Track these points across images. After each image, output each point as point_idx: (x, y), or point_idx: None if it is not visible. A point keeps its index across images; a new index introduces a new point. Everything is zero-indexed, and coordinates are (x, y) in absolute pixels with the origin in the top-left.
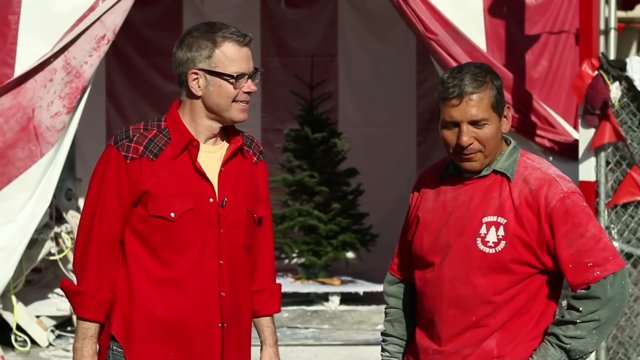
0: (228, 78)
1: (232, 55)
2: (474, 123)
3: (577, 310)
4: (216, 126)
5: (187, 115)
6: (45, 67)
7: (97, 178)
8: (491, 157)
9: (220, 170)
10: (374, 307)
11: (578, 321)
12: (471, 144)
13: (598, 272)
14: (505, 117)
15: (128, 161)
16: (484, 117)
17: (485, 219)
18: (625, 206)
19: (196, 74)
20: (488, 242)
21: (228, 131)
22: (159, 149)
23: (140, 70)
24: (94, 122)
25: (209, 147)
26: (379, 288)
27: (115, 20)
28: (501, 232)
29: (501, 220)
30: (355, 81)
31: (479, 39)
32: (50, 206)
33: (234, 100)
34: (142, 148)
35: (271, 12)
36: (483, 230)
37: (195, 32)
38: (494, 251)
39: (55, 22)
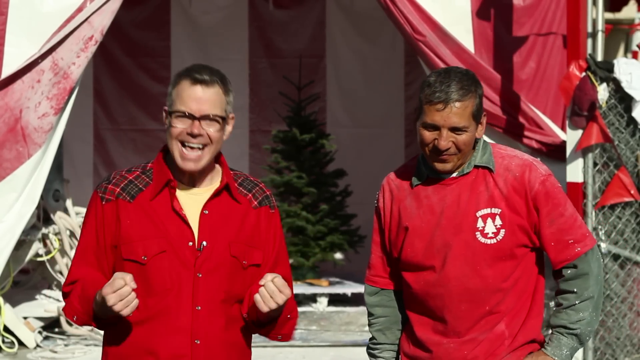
0: (171, 115)
1: (180, 93)
2: (454, 129)
3: (572, 292)
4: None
5: (171, 155)
6: (32, 68)
7: (83, 224)
8: (463, 159)
9: (202, 213)
10: (361, 309)
11: (577, 302)
12: (449, 148)
13: (579, 248)
14: (480, 123)
15: (104, 203)
16: (465, 125)
17: (479, 213)
18: (612, 207)
19: (165, 111)
20: (487, 233)
21: (223, 172)
22: (138, 190)
23: (128, 71)
24: (82, 123)
25: (195, 190)
26: None
27: (103, 21)
28: (498, 221)
29: (495, 210)
30: (344, 82)
31: (467, 40)
32: (38, 207)
33: (177, 140)
34: (118, 189)
35: (259, 13)
36: (480, 223)
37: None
38: (495, 241)
39: (43, 23)
